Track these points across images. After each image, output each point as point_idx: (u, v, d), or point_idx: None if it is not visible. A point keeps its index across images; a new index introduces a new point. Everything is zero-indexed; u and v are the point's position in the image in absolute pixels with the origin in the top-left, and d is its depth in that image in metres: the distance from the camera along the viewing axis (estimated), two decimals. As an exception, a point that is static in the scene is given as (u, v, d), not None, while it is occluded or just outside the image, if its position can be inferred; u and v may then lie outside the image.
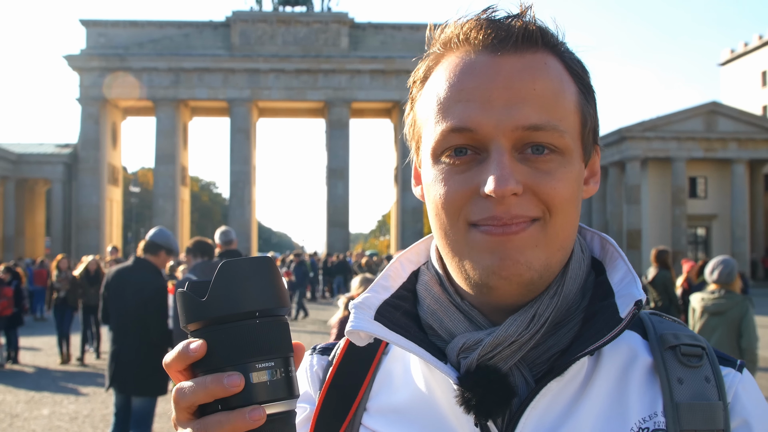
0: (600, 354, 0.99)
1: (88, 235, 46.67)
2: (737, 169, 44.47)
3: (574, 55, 1.01)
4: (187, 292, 0.79)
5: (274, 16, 49.98)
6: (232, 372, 0.76)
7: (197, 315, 0.78)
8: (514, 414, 0.95)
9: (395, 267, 1.12)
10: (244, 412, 0.75)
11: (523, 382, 0.97)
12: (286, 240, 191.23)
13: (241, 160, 49.05)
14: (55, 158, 49.08)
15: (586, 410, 0.95)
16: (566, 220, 0.96)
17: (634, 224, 43.71)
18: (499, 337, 0.95)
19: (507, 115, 0.92)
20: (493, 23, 0.97)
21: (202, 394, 0.76)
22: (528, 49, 0.96)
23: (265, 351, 0.77)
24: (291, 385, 0.79)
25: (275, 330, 0.79)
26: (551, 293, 0.98)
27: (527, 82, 0.94)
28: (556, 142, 0.94)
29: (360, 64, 48.98)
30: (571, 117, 0.97)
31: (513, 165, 0.93)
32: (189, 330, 0.80)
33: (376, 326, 1.01)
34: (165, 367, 0.81)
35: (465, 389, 0.94)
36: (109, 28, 49.51)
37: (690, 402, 0.94)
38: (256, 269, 0.79)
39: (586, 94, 1.01)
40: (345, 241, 49.10)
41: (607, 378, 0.98)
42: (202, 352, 0.77)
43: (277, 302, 0.80)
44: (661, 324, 1.05)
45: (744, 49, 70.18)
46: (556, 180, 0.94)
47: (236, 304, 0.77)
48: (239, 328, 0.77)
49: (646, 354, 1.01)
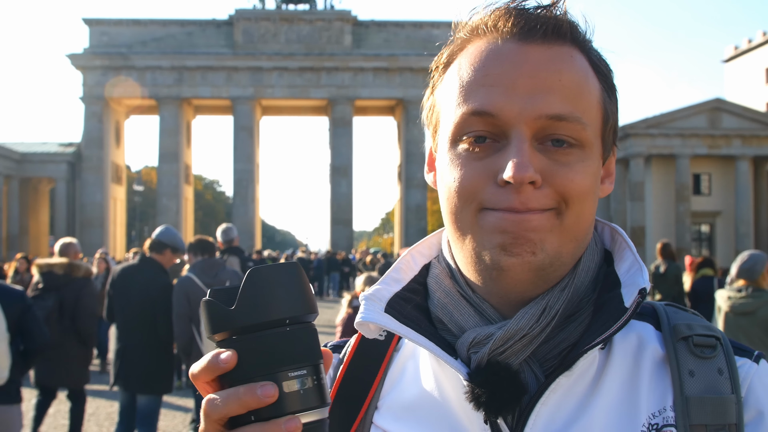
0: (611, 347, 0.97)
1: (92, 233, 46.70)
2: (741, 166, 44.34)
3: (599, 53, 1.01)
4: (213, 300, 0.77)
5: (277, 14, 49.96)
6: (265, 382, 0.74)
7: (225, 324, 0.76)
8: (523, 410, 0.94)
9: (406, 260, 1.11)
10: (279, 423, 0.73)
11: (533, 377, 0.95)
12: (290, 238, 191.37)
13: (245, 159, 49.05)
14: (59, 157, 49.12)
15: (597, 406, 0.93)
16: (582, 213, 0.95)
17: (638, 221, 43.62)
18: (510, 331, 0.93)
19: (531, 103, 0.92)
20: (523, 13, 0.96)
21: (235, 405, 0.74)
22: (556, 41, 0.95)
23: (297, 359, 0.76)
24: (323, 392, 0.77)
25: (306, 337, 0.77)
26: (562, 285, 0.96)
27: (553, 73, 0.93)
28: (578, 134, 0.93)
29: (363, 61, 48.93)
30: (593, 112, 0.96)
31: (532, 154, 0.92)
32: (216, 340, 0.78)
33: (386, 318, 1.00)
34: (192, 378, 0.79)
35: (475, 385, 0.93)
36: (112, 27, 49.52)
37: (700, 396, 0.92)
38: (285, 275, 0.77)
39: (609, 93, 1.00)
40: (349, 239, 49.08)
41: (619, 372, 0.96)
42: (233, 363, 0.75)
43: (307, 308, 0.78)
44: (676, 315, 1.03)
45: (748, 45, 70.00)
46: (574, 172, 0.93)
47: (266, 312, 0.75)
48: (270, 336, 0.75)
49: (658, 345, 0.99)
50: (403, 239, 48.78)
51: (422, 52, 48.20)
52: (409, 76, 48.74)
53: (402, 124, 50.70)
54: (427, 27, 50.31)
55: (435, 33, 49.22)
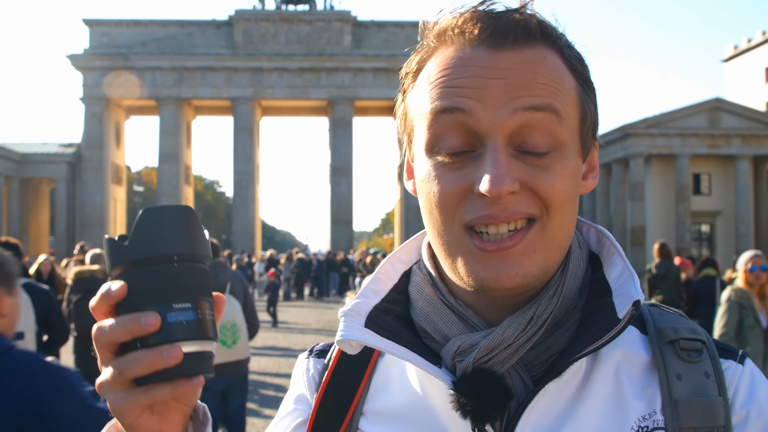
0: (598, 352, 0.96)
1: (92, 234, 46.64)
2: (741, 165, 44.31)
3: (573, 50, 0.98)
4: (111, 238, 0.83)
5: (277, 14, 49.95)
6: (149, 312, 0.79)
7: (119, 259, 0.82)
8: (512, 417, 0.93)
9: (385, 268, 1.10)
10: (161, 350, 0.79)
11: (521, 383, 0.95)
12: (290, 238, 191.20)
13: (245, 159, 49.04)
14: (59, 158, 49.10)
15: (585, 411, 0.93)
16: (565, 218, 0.93)
17: (638, 221, 43.60)
18: (495, 341, 0.92)
19: (506, 100, 0.90)
20: (490, 16, 0.93)
21: (121, 332, 0.80)
22: (526, 44, 0.92)
23: (183, 293, 0.81)
24: (206, 326, 0.82)
25: (192, 274, 0.83)
26: (551, 293, 0.95)
27: (527, 73, 0.91)
28: (555, 129, 0.91)
29: (363, 62, 48.92)
30: (571, 108, 0.94)
31: (509, 162, 0.89)
32: (113, 274, 0.83)
33: (365, 334, 0.99)
34: (91, 310, 0.83)
35: (460, 394, 0.92)
36: (112, 28, 49.51)
37: (689, 399, 0.92)
38: (177, 216, 0.83)
39: (585, 89, 0.98)
40: (349, 239, 49.06)
41: (605, 377, 0.95)
42: (122, 293, 0.81)
43: (196, 249, 0.83)
44: (661, 317, 1.02)
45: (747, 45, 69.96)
46: (554, 176, 0.91)
47: (155, 248, 0.81)
48: (158, 270, 0.81)
49: (644, 350, 0.98)
50: (404, 239, 48.71)
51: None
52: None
53: (402, 125, 50.58)
54: (427, 27, 50.19)
55: (435, 33, 49.17)
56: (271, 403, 10.67)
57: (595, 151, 1.03)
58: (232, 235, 50.41)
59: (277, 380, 12.41)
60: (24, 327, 5.53)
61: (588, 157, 1.01)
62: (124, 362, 0.80)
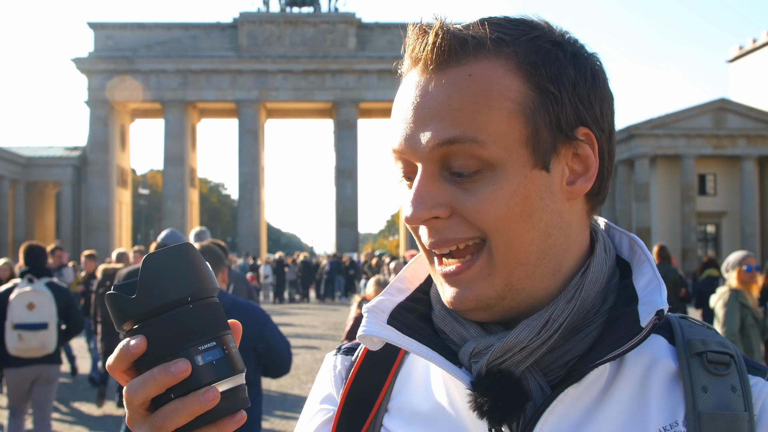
0: (623, 359, 0.95)
1: (98, 237, 46.82)
2: (747, 165, 44.24)
3: (532, 48, 0.92)
4: (115, 293, 0.79)
5: (282, 17, 50.06)
6: (177, 359, 0.76)
7: (130, 313, 0.78)
8: (529, 420, 0.93)
9: (413, 268, 1.10)
10: (197, 395, 0.76)
11: (537, 387, 0.94)
12: (296, 241, 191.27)
13: (250, 162, 49.14)
14: (64, 161, 49.30)
15: (605, 417, 0.92)
16: (510, 239, 0.91)
17: (643, 222, 43.56)
18: (508, 343, 0.92)
19: (422, 135, 0.90)
20: (422, 34, 0.92)
21: (152, 386, 0.77)
22: (456, 62, 0.90)
23: (204, 333, 0.79)
24: (234, 361, 0.80)
25: (209, 311, 0.80)
26: (568, 297, 0.94)
27: (443, 99, 0.89)
28: (478, 154, 0.88)
29: (368, 64, 49.01)
30: (502, 124, 0.89)
31: (433, 187, 0.90)
32: (124, 330, 0.80)
33: (388, 330, 0.99)
34: (108, 370, 0.80)
35: (478, 394, 0.92)
36: (116, 31, 49.72)
37: (713, 412, 0.90)
38: (179, 257, 0.80)
39: (542, 91, 0.91)
40: (354, 241, 49.13)
41: (628, 384, 0.94)
42: (143, 347, 0.77)
43: (206, 284, 0.81)
44: (691, 329, 1.00)
45: (753, 45, 69.85)
46: (480, 200, 0.89)
47: (166, 293, 0.78)
48: (174, 315, 0.78)
49: (671, 360, 0.97)
50: (408, 241, 48.70)
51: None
52: (414, 78, 48.69)
53: (406, 126, 50.65)
54: (431, 29, 50.25)
55: (439, 35, 49.24)
56: (276, 405, 10.69)
57: (587, 150, 0.95)
58: (238, 237, 50.51)
59: (281, 382, 12.39)
60: (48, 318, 7.05)
61: (577, 159, 0.95)
62: (162, 416, 0.77)
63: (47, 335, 7.03)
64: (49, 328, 7.02)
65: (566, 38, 0.96)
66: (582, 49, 0.96)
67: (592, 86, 0.94)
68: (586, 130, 0.94)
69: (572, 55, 0.93)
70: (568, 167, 0.94)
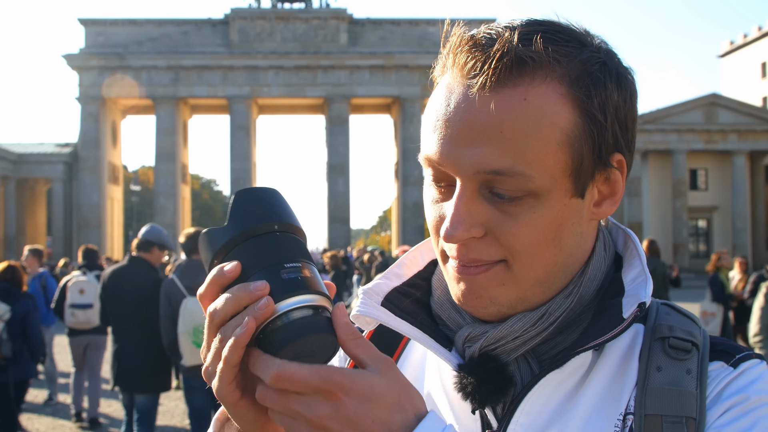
0: (603, 349, 0.98)
1: (90, 234, 46.65)
2: (738, 160, 44.44)
3: (585, 72, 0.90)
4: (208, 229, 0.83)
5: (273, 13, 49.92)
6: (256, 279, 0.78)
7: (220, 240, 0.81)
8: (512, 403, 0.96)
9: (413, 255, 1.14)
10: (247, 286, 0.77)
11: (528, 372, 0.98)
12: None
13: (242, 158, 49.04)
14: (56, 158, 49.11)
15: (582, 401, 0.95)
16: (536, 262, 0.93)
17: (635, 217, 43.71)
18: (503, 331, 0.96)
19: (469, 157, 0.88)
20: (477, 49, 0.89)
21: (231, 305, 0.77)
22: (508, 82, 0.87)
23: (288, 257, 0.80)
24: (314, 282, 0.79)
25: (295, 242, 0.82)
26: (566, 293, 0.97)
27: (493, 123, 0.87)
28: (524, 186, 0.88)
29: (359, 59, 48.93)
30: (549, 157, 0.88)
31: (473, 206, 0.90)
32: (215, 264, 0.82)
33: (380, 312, 1.03)
34: (199, 298, 0.82)
35: (463, 375, 0.96)
36: (108, 27, 49.49)
37: (659, 387, 0.92)
38: (269, 193, 0.84)
39: (590, 119, 0.90)
40: (346, 237, 49.08)
41: (606, 371, 0.97)
42: (236, 271, 0.79)
43: (292, 220, 0.83)
44: (667, 316, 1.01)
45: (744, 40, 70.06)
46: (519, 225, 0.90)
47: (256, 219, 0.81)
48: (261, 240, 0.80)
49: (639, 344, 0.99)
50: (401, 237, 48.80)
51: (418, 49, 48.22)
52: (405, 73, 48.73)
53: (398, 122, 50.69)
54: (423, 24, 50.27)
55: (431, 30, 49.21)
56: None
57: (618, 175, 0.96)
58: (230, 233, 50.34)
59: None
60: (94, 300, 9.05)
61: (607, 183, 0.96)
62: (224, 329, 0.78)
63: (92, 313, 9.21)
64: (94, 308, 9.09)
65: (609, 55, 0.94)
66: (622, 66, 0.95)
67: (630, 108, 0.95)
68: (620, 156, 0.94)
69: (616, 77, 0.93)
70: (598, 190, 0.96)
